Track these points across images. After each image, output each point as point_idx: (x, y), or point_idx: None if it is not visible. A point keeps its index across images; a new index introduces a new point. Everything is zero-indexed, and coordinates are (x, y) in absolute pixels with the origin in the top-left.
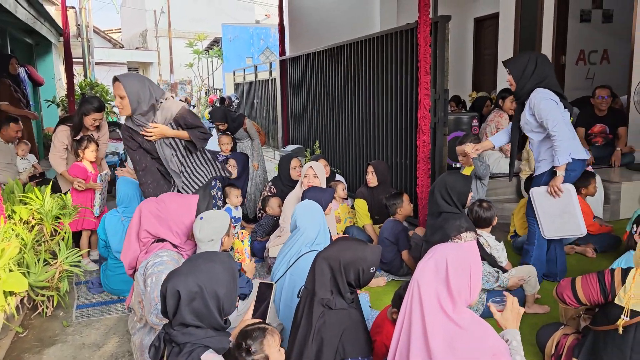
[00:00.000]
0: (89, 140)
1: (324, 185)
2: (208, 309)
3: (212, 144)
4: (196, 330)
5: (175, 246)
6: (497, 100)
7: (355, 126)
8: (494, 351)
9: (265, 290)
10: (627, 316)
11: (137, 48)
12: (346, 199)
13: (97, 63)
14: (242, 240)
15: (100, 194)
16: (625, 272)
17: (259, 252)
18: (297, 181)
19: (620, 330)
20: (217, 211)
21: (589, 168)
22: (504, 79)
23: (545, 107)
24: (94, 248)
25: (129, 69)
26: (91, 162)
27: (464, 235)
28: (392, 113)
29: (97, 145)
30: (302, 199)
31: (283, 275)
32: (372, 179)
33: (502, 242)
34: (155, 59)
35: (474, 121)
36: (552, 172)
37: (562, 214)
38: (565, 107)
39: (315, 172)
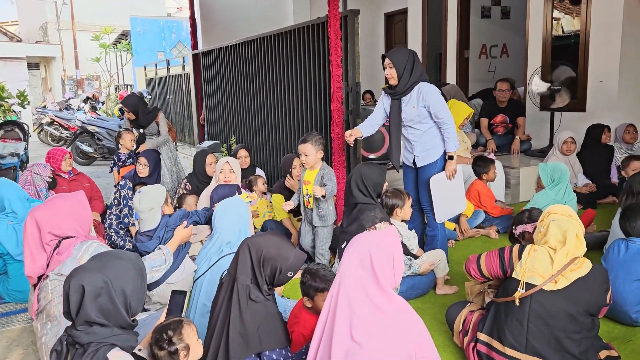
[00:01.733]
0: None
1: (239, 181)
2: (114, 306)
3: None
4: (101, 328)
5: None
6: None
7: (271, 120)
8: (418, 341)
9: (178, 298)
10: (522, 289)
11: (37, 42)
12: (265, 193)
13: None
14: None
15: None
16: (522, 249)
17: None
18: (212, 177)
19: (517, 302)
20: (153, 185)
21: (492, 155)
22: None
23: (439, 100)
24: None
25: (29, 64)
26: None
27: (379, 225)
28: (307, 106)
29: None
30: (210, 198)
31: (203, 274)
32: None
33: (413, 230)
34: (59, 54)
35: None
36: (444, 159)
37: (451, 195)
38: None
39: (231, 167)
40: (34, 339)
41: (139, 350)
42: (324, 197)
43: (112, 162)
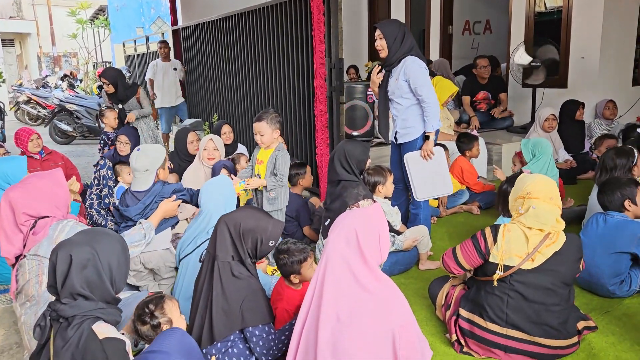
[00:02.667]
0: None
1: (223, 157)
2: (100, 278)
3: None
4: (86, 302)
5: None
6: None
7: (254, 97)
8: (402, 322)
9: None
10: (501, 271)
11: (10, 17)
12: None
13: None
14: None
15: None
16: (495, 230)
17: None
18: (194, 155)
19: (495, 283)
20: (154, 144)
21: (475, 132)
22: None
23: (420, 75)
24: None
25: (3, 41)
26: None
27: (362, 202)
28: (290, 83)
29: None
30: (212, 171)
31: (190, 254)
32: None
33: (395, 207)
34: (34, 30)
35: (369, 90)
36: (424, 138)
37: (433, 176)
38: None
39: (215, 144)
40: (16, 319)
41: (122, 334)
42: (265, 187)
43: (101, 142)
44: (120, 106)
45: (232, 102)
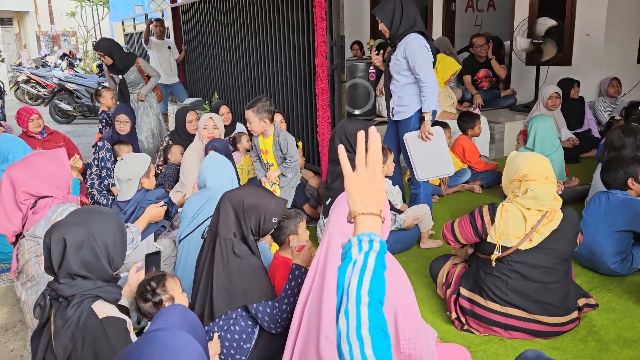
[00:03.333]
0: None
1: (223, 137)
2: (97, 258)
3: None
4: (84, 281)
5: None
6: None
7: (254, 75)
8: (404, 303)
9: (151, 260)
10: (499, 252)
11: None
12: (249, 150)
13: None
14: None
15: None
16: (493, 209)
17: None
18: (193, 135)
19: (493, 264)
20: (139, 154)
21: (477, 111)
22: None
23: (419, 53)
24: None
25: (1, 20)
26: None
27: None
28: (291, 61)
29: None
30: (205, 150)
31: (191, 233)
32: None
33: (397, 186)
34: (32, 8)
35: (371, 68)
36: (419, 118)
37: (432, 156)
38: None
39: (215, 123)
40: (19, 296)
41: (122, 309)
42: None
43: (102, 122)
44: (120, 77)
45: (232, 80)
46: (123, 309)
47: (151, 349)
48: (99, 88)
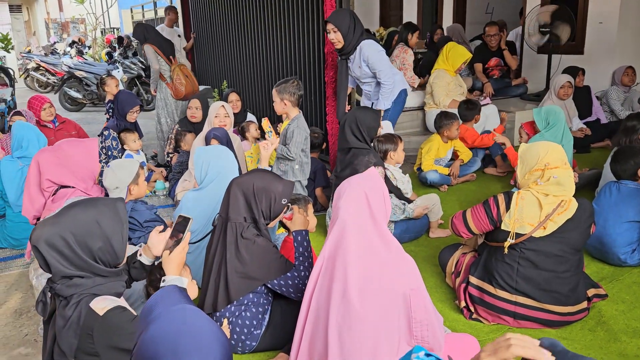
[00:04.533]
0: None
1: (232, 125)
2: (82, 259)
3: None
4: (82, 280)
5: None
6: (402, 34)
7: (264, 64)
8: (412, 286)
9: (181, 224)
10: (512, 239)
11: None
12: (258, 138)
13: None
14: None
15: None
16: (508, 197)
17: None
18: (193, 123)
19: (506, 251)
20: (127, 160)
21: (487, 100)
22: (410, 14)
23: (377, 58)
24: None
25: (11, 7)
26: None
27: (372, 169)
28: (300, 49)
29: None
30: (205, 140)
31: (204, 238)
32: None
33: (407, 175)
34: None
35: None
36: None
37: None
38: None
39: (226, 111)
40: (32, 283)
41: (139, 255)
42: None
43: (109, 111)
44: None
45: (241, 69)
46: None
47: (173, 326)
48: (103, 77)
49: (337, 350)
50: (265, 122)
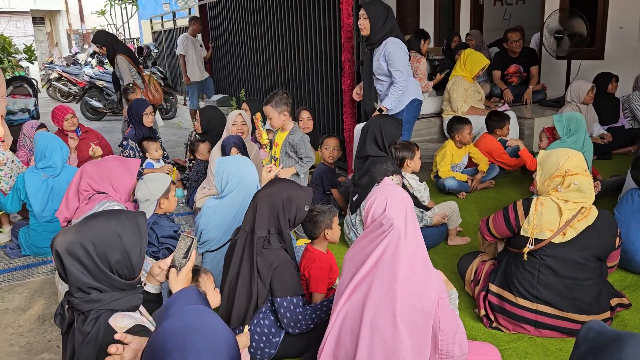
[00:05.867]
0: None
1: (250, 133)
2: (101, 270)
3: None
4: (100, 294)
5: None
6: (413, 43)
7: (281, 72)
8: (442, 295)
9: (184, 246)
10: (531, 245)
11: None
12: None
13: None
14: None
15: (5, 176)
16: (527, 203)
17: None
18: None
19: (525, 257)
20: (161, 175)
21: (506, 106)
22: (427, 21)
23: (398, 57)
24: (5, 223)
25: (34, 19)
26: None
27: (390, 178)
28: (317, 57)
29: None
30: (222, 148)
31: (224, 245)
32: (308, 125)
33: (424, 182)
34: (63, 7)
35: None
36: (410, 109)
37: None
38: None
39: (243, 119)
40: (55, 289)
41: (144, 284)
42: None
43: (125, 121)
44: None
45: (259, 77)
46: (151, 295)
47: (184, 329)
48: (129, 85)
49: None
50: (257, 118)
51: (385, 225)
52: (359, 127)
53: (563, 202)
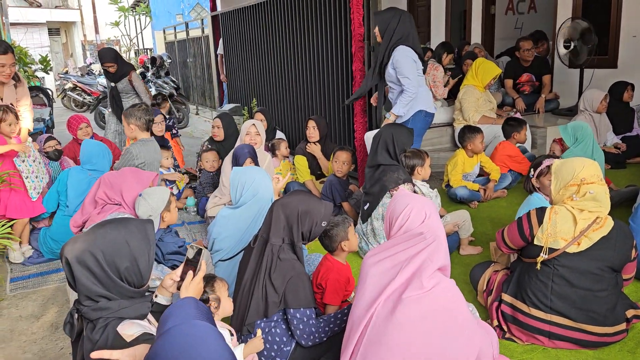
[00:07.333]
0: (4, 111)
1: (264, 143)
2: (110, 278)
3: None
4: (108, 302)
5: None
6: (437, 52)
7: (292, 82)
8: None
9: (193, 259)
10: (545, 254)
11: (56, 7)
12: (287, 156)
13: (12, 24)
14: None
15: (32, 173)
16: (541, 212)
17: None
18: (220, 141)
19: (538, 267)
20: (158, 188)
21: (518, 116)
22: (438, 31)
23: (405, 65)
24: (25, 242)
25: (50, 30)
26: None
27: (402, 187)
28: (328, 66)
29: (17, 117)
30: (234, 156)
31: (237, 255)
32: (314, 134)
33: (435, 190)
34: (78, 18)
35: None
36: (419, 118)
37: None
38: (422, 65)
39: (257, 129)
40: (68, 297)
41: (155, 296)
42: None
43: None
44: (112, 84)
45: (270, 87)
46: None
47: (176, 344)
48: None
49: None
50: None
51: (426, 234)
52: (368, 134)
53: (578, 212)
